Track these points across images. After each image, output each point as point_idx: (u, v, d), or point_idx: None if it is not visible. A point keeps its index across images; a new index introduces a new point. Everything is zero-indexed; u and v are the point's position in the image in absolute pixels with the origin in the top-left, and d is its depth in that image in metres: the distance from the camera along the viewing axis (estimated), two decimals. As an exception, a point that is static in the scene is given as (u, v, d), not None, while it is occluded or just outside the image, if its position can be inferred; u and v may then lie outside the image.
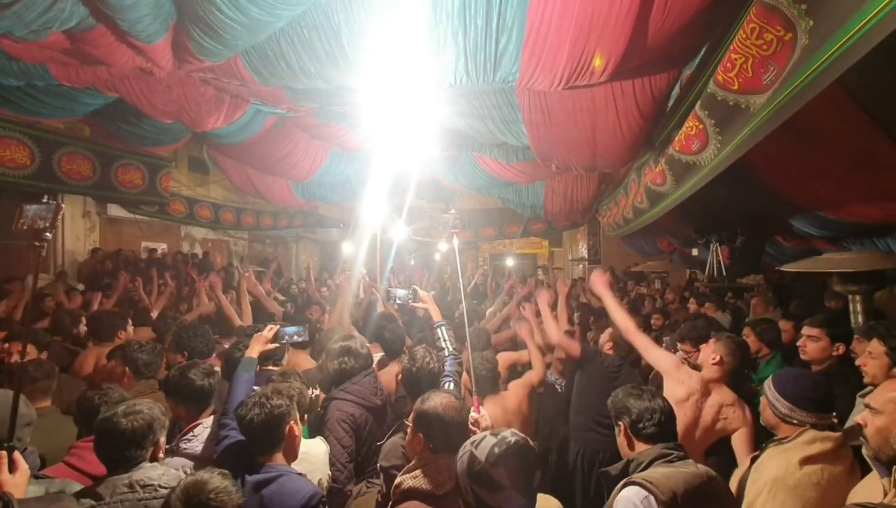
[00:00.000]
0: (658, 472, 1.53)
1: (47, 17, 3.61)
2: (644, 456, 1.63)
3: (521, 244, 16.81)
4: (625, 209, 6.69)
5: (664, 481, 1.46)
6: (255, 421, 1.74)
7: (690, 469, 1.56)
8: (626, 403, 1.77)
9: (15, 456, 1.41)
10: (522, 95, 4.26)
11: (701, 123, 3.46)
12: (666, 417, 1.72)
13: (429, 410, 1.68)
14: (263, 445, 1.78)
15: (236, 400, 1.98)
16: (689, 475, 1.51)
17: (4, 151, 6.90)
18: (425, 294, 2.80)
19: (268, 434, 1.77)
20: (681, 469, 1.54)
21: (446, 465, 1.62)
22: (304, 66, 3.99)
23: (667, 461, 1.59)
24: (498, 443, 1.30)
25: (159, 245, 10.78)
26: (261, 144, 7.33)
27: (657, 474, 1.51)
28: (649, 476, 1.49)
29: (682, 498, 1.42)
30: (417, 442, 1.70)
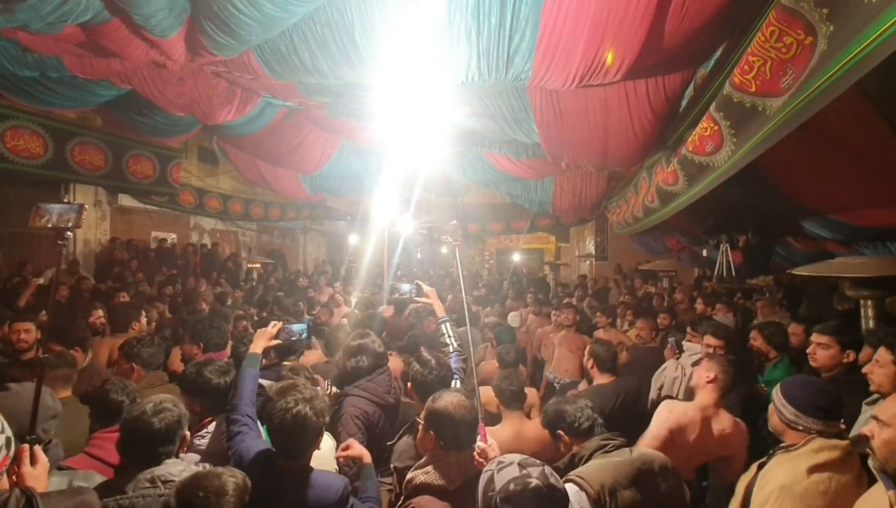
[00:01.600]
0: (592, 466, 1.67)
1: (63, 10, 3.64)
2: (586, 449, 1.77)
3: (528, 240, 16.76)
4: (634, 207, 6.65)
5: (595, 474, 1.60)
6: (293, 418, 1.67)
7: (624, 457, 1.69)
8: (558, 411, 1.94)
9: (35, 449, 1.42)
10: (534, 93, 4.24)
11: (716, 125, 3.42)
12: (593, 411, 1.93)
13: (440, 409, 1.71)
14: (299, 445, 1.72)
15: (243, 396, 1.98)
16: (619, 464, 1.65)
17: (18, 141, 6.96)
18: (429, 289, 2.79)
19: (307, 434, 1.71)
20: (613, 459, 1.68)
21: (457, 461, 1.67)
22: (316, 62, 4.00)
23: (605, 451, 1.73)
24: (517, 480, 1.21)
25: (169, 235, 10.87)
26: (271, 135, 7.35)
27: (590, 468, 1.65)
28: (581, 472, 1.62)
29: (609, 488, 1.56)
30: (429, 440, 1.73)
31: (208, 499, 1.33)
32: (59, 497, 1.32)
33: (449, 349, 2.48)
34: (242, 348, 2.92)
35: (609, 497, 1.55)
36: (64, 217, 1.60)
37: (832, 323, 2.87)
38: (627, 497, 1.56)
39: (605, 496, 1.54)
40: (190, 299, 6.46)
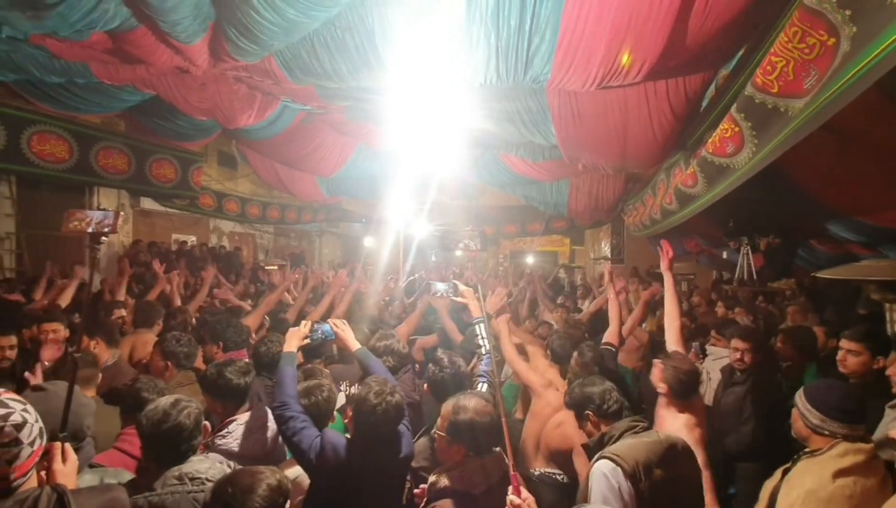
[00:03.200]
0: (624, 444, 1.70)
1: (91, 17, 3.74)
2: (615, 429, 1.80)
3: (542, 242, 16.69)
4: (652, 210, 6.59)
5: (629, 452, 1.64)
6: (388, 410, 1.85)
7: (653, 437, 1.74)
8: (585, 393, 1.93)
9: (66, 447, 1.44)
10: (553, 95, 4.23)
11: (737, 126, 3.39)
12: (621, 395, 1.93)
13: (466, 421, 1.70)
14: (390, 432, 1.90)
15: (291, 393, 2.04)
16: (651, 443, 1.70)
17: (45, 146, 7.17)
18: (466, 289, 2.78)
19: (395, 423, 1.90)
20: (643, 440, 1.72)
21: (481, 465, 1.67)
22: (336, 66, 4.05)
23: (634, 432, 1.76)
24: None
25: (189, 237, 11.08)
26: (288, 139, 7.44)
27: (623, 446, 1.69)
28: (616, 450, 1.66)
29: (644, 465, 1.60)
30: (456, 452, 1.71)
31: (235, 496, 1.37)
32: (90, 493, 1.35)
33: (482, 351, 2.48)
34: (262, 348, 2.97)
35: (644, 473, 1.58)
36: (103, 223, 1.66)
37: (861, 329, 2.82)
38: (659, 475, 1.60)
39: (640, 471, 1.58)
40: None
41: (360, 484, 1.84)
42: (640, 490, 1.57)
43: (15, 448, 1.13)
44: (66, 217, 1.74)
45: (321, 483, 1.89)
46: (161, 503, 1.60)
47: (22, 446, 1.14)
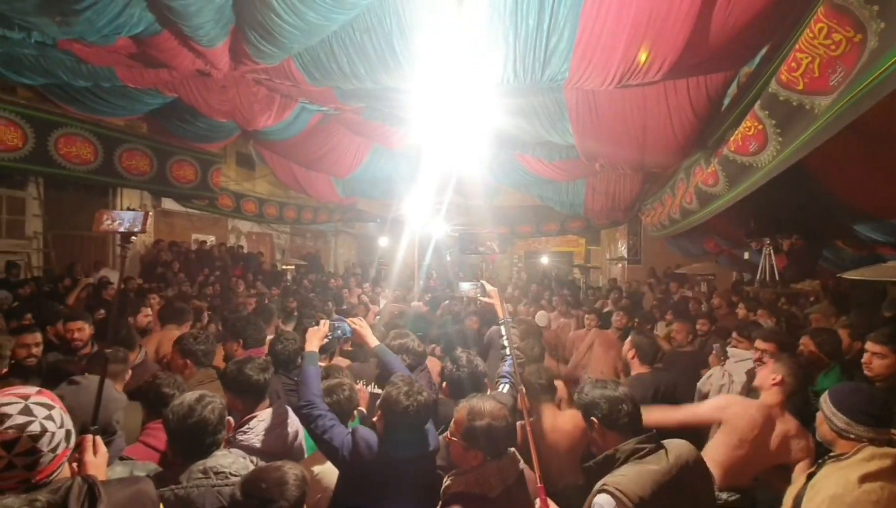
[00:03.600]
0: (630, 476, 1.58)
1: (117, 22, 3.84)
2: (621, 452, 1.67)
3: (557, 242, 16.59)
4: (671, 209, 6.50)
5: (633, 487, 1.53)
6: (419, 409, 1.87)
7: (661, 464, 1.61)
8: (595, 396, 1.78)
9: (97, 439, 1.49)
10: (570, 93, 4.21)
11: (760, 124, 3.33)
12: (635, 406, 1.76)
13: (482, 427, 1.65)
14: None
15: (316, 391, 2.06)
16: (659, 472, 1.58)
17: (71, 148, 7.36)
18: (492, 289, 2.77)
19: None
20: (650, 467, 1.59)
21: (497, 469, 1.64)
22: (354, 67, 4.08)
23: (639, 456, 1.63)
24: None
25: (208, 237, 11.28)
26: (305, 140, 7.54)
27: (627, 479, 1.56)
28: (619, 483, 1.54)
29: (650, 499, 1.50)
30: (473, 457, 1.67)
31: (270, 490, 1.41)
32: (118, 485, 1.38)
33: (506, 352, 2.47)
34: (279, 345, 3.01)
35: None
36: (133, 223, 1.70)
37: (887, 331, 2.75)
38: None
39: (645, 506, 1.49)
40: (228, 299, 6.70)
41: (391, 480, 1.85)
42: None
43: (32, 457, 1.15)
44: (98, 218, 1.78)
45: (354, 479, 1.91)
46: (187, 496, 1.64)
47: (41, 454, 1.16)
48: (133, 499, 1.34)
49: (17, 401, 1.17)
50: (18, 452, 1.13)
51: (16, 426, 1.13)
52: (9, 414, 1.14)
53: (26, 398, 1.19)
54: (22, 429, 1.14)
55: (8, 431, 1.12)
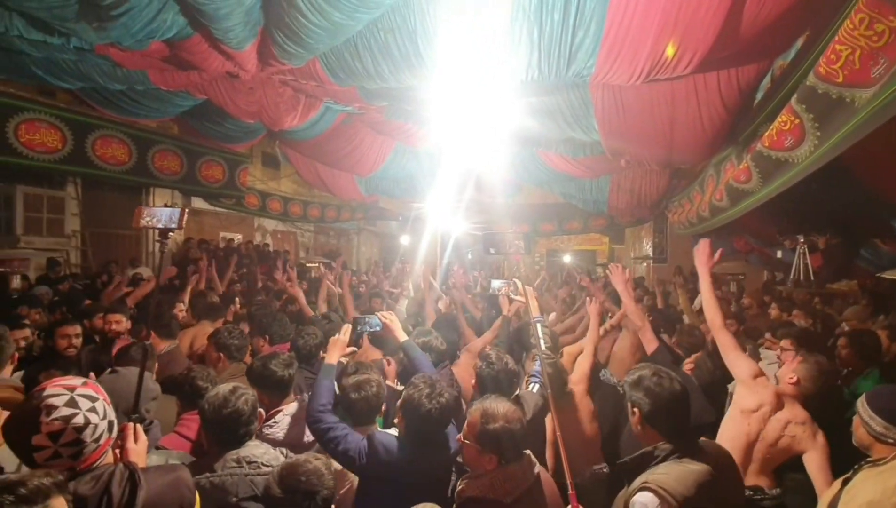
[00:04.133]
0: (672, 474, 1.52)
1: (151, 27, 3.97)
2: (660, 451, 1.61)
3: (580, 240, 16.37)
4: (700, 207, 6.34)
5: (677, 486, 1.48)
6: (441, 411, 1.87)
7: (698, 466, 1.55)
8: (645, 390, 1.69)
9: (137, 427, 1.55)
10: (596, 89, 4.15)
11: (797, 118, 3.22)
12: (682, 410, 1.67)
13: (498, 430, 1.60)
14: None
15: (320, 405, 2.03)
16: (699, 473, 1.53)
17: (107, 149, 7.63)
18: (527, 287, 2.75)
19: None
20: (690, 468, 1.54)
21: (513, 473, 1.60)
22: (378, 67, 4.12)
23: (678, 456, 1.58)
24: None
25: (235, 235, 11.55)
26: (329, 139, 7.64)
27: (670, 478, 1.51)
28: (663, 483, 1.49)
29: (694, 499, 1.45)
30: (487, 462, 1.63)
31: (311, 481, 1.46)
32: (157, 472, 1.44)
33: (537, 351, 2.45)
34: (300, 341, 3.06)
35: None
36: (170, 219, 1.76)
37: None
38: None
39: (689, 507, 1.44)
40: (255, 295, 6.84)
41: (412, 481, 1.84)
42: None
43: (76, 447, 1.21)
44: (137, 214, 1.84)
45: (372, 483, 1.90)
46: (221, 483, 1.70)
47: (85, 444, 1.22)
48: (171, 485, 1.40)
49: (64, 393, 1.22)
50: (64, 442, 1.19)
51: (62, 418, 1.18)
52: (55, 406, 1.19)
53: (72, 390, 1.24)
54: (67, 421, 1.19)
55: (54, 422, 1.17)
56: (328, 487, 1.50)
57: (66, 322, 3.43)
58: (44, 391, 1.22)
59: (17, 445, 1.21)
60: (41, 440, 1.16)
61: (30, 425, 1.17)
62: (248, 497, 1.69)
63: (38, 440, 1.16)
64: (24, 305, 4.32)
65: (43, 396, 1.20)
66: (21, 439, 1.18)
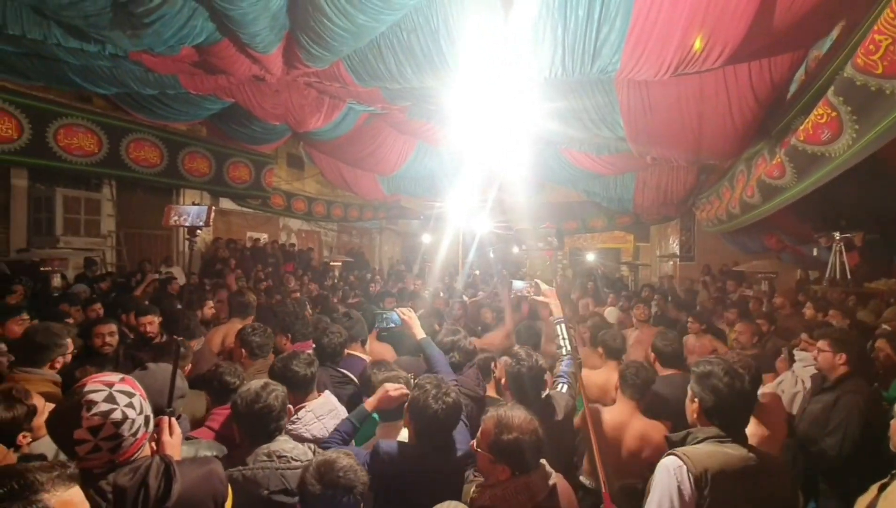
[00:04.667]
0: (701, 449, 1.57)
1: (182, 33, 4.09)
2: (702, 433, 1.63)
3: (604, 239, 16.11)
4: (729, 204, 6.16)
5: (702, 457, 1.51)
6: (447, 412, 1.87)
7: (737, 451, 1.55)
8: (712, 388, 1.63)
9: (172, 421, 1.60)
10: (621, 85, 4.07)
11: (834, 111, 3.10)
12: (745, 408, 1.64)
13: (509, 441, 1.56)
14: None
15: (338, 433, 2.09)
16: (731, 456, 1.53)
17: (140, 152, 7.91)
18: (548, 288, 2.73)
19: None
20: (725, 450, 1.55)
21: (525, 485, 1.56)
22: (401, 68, 4.14)
23: (719, 440, 1.59)
24: None
25: (261, 235, 11.81)
26: (352, 140, 7.73)
27: (698, 450, 1.55)
28: (688, 451, 1.54)
29: (713, 475, 1.46)
30: (500, 472, 1.59)
31: (348, 477, 1.50)
32: (191, 464, 1.48)
33: (562, 352, 2.43)
34: (325, 339, 3.10)
35: (711, 481, 1.46)
36: (198, 217, 1.79)
37: None
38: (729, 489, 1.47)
39: (706, 478, 1.47)
40: (277, 293, 6.98)
41: (420, 486, 1.82)
42: (703, 496, 1.46)
43: (115, 441, 1.25)
44: (167, 213, 1.86)
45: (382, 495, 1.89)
46: (253, 476, 1.75)
47: (123, 438, 1.26)
48: (204, 478, 1.44)
49: (103, 388, 1.26)
50: (103, 437, 1.23)
51: (100, 413, 1.22)
52: (95, 401, 1.23)
53: (111, 387, 1.28)
54: (106, 416, 1.23)
55: (94, 417, 1.22)
56: (363, 482, 1.54)
57: (101, 321, 3.56)
58: (84, 387, 1.26)
59: (60, 438, 1.26)
60: (82, 434, 1.21)
61: (72, 419, 1.22)
62: (278, 491, 1.73)
63: (79, 434, 1.21)
64: (66, 302, 4.52)
65: (84, 392, 1.25)
66: (64, 433, 1.23)
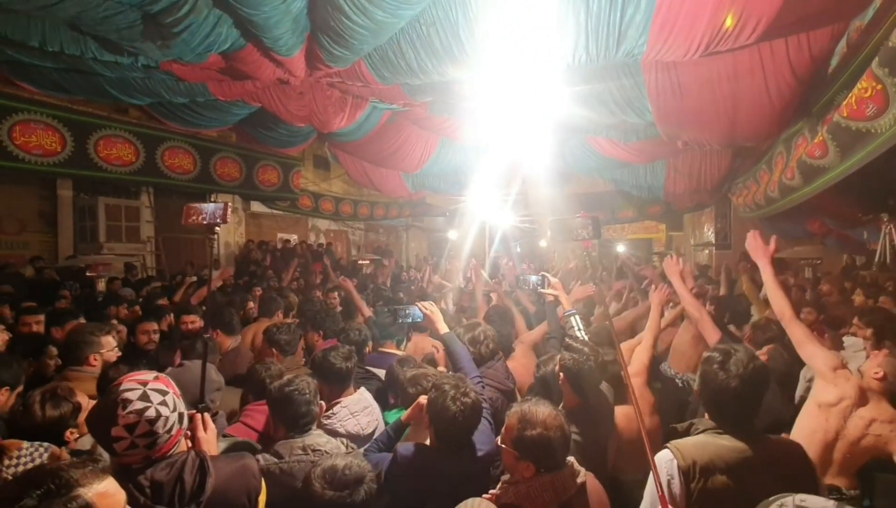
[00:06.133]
0: (694, 441, 1.57)
1: (208, 41, 4.20)
2: (702, 424, 1.65)
3: (635, 229, 15.67)
4: (768, 187, 5.89)
5: (692, 449, 1.53)
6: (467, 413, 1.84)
7: (732, 444, 1.53)
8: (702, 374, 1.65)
9: (206, 417, 1.62)
10: (648, 68, 3.94)
11: (879, 84, 2.92)
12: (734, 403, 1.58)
13: (534, 438, 1.52)
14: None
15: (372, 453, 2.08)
16: (724, 448, 1.52)
17: (174, 159, 8.21)
18: (555, 281, 2.71)
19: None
20: (719, 442, 1.54)
21: (550, 483, 1.52)
22: (421, 62, 4.13)
23: (716, 431, 1.59)
24: None
25: (291, 236, 12.08)
26: (375, 138, 7.79)
27: (690, 443, 1.56)
28: (680, 444, 1.56)
29: (702, 467, 1.47)
30: (525, 469, 1.55)
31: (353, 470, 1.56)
32: (225, 460, 1.51)
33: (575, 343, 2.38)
34: (353, 334, 3.14)
35: (699, 475, 1.46)
36: (215, 214, 1.80)
37: None
38: (720, 482, 1.45)
39: (694, 471, 1.47)
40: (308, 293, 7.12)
41: (439, 489, 1.78)
42: (691, 490, 1.46)
43: (150, 438, 1.29)
44: (186, 212, 1.86)
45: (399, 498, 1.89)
46: (290, 470, 1.79)
47: (158, 435, 1.30)
48: (238, 473, 1.47)
49: (137, 387, 1.30)
50: (139, 434, 1.27)
51: (135, 412, 1.26)
52: (130, 400, 1.27)
53: (145, 385, 1.31)
54: (140, 414, 1.26)
55: (129, 416, 1.25)
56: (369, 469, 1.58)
57: (144, 320, 3.71)
58: (120, 385, 1.30)
59: (99, 436, 1.31)
60: (119, 432, 1.25)
61: (109, 418, 1.26)
62: (314, 484, 1.77)
63: (116, 432, 1.25)
64: (112, 304, 4.75)
65: (119, 391, 1.29)
66: (102, 430, 1.28)
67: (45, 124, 6.68)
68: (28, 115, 6.51)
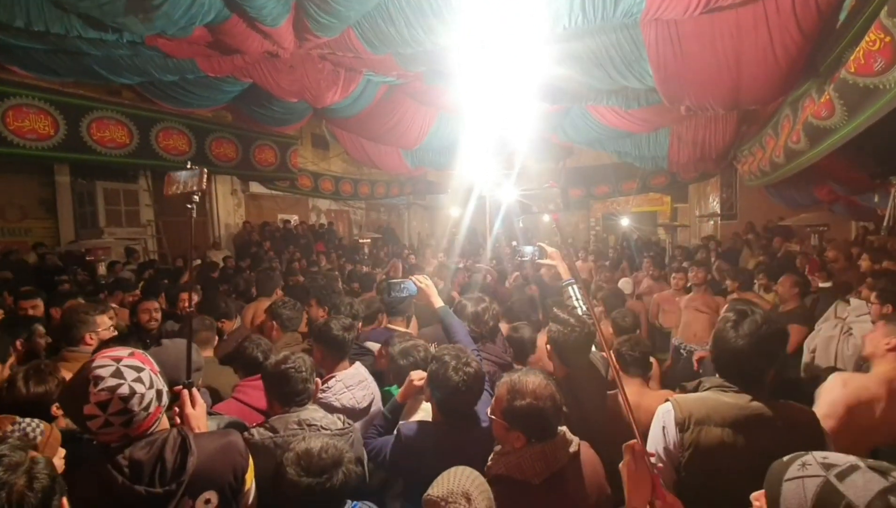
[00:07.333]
0: (696, 396, 1.57)
1: (191, 13, 4.07)
2: (709, 382, 1.63)
3: (639, 201, 15.46)
4: (773, 153, 5.73)
5: (691, 404, 1.52)
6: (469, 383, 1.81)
7: (739, 400, 1.50)
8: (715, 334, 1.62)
9: (193, 392, 1.60)
10: (648, 27, 3.77)
11: (887, 35, 2.78)
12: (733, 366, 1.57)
13: (523, 407, 1.49)
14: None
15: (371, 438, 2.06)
16: (724, 403, 1.50)
17: (169, 141, 8.12)
18: (553, 250, 2.65)
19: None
20: (721, 398, 1.52)
21: (541, 453, 1.50)
22: (412, 30, 3.99)
23: (721, 389, 1.56)
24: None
25: (292, 217, 12.04)
26: (373, 115, 7.64)
27: (691, 397, 1.56)
28: (681, 398, 1.56)
29: (697, 419, 1.47)
30: (515, 439, 1.52)
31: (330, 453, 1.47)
32: (209, 437, 1.48)
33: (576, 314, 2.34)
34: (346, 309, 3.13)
35: (693, 425, 1.47)
36: (190, 183, 1.68)
37: None
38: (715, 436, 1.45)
39: (689, 423, 1.47)
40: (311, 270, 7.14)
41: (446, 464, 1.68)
42: (684, 440, 1.47)
43: (125, 416, 1.24)
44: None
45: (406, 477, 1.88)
46: (284, 444, 1.76)
47: (134, 412, 1.25)
48: (222, 451, 1.43)
49: (110, 364, 1.25)
50: (112, 412, 1.22)
51: (107, 388, 1.21)
52: (102, 377, 1.22)
53: (118, 361, 1.26)
54: (113, 391, 1.22)
55: (101, 393, 1.21)
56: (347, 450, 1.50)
57: (144, 299, 3.72)
58: (93, 362, 1.26)
59: (72, 414, 1.27)
60: (91, 410, 1.21)
61: (80, 395, 1.22)
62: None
63: (88, 410, 1.21)
64: (119, 290, 4.81)
65: (91, 367, 1.24)
66: (75, 409, 1.23)
67: (37, 108, 6.61)
68: (20, 99, 6.45)
